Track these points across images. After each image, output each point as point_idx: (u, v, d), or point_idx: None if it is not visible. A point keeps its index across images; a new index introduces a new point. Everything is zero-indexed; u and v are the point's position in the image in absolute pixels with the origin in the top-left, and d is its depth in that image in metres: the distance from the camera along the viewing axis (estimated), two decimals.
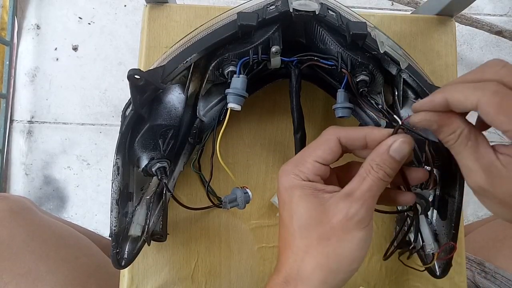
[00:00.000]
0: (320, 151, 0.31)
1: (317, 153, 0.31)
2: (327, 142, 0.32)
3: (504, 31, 1.01)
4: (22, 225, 0.53)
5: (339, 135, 0.32)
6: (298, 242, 0.30)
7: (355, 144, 0.32)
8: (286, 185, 0.31)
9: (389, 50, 0.39)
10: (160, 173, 0.39)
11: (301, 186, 0.31)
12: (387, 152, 0.30)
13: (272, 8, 0.39)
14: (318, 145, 0.32)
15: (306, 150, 0.32)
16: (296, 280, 0.30)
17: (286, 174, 0.32)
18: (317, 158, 0.31)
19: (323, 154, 0.31)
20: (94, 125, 1.12)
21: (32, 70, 1.13)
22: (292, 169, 0.32)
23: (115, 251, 0.39)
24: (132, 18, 1.16)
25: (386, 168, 0.30)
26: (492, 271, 0.57)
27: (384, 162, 0.30)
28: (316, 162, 0.31)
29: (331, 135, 0.32)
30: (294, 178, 0.31)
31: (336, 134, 0.32)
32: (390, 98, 0.43)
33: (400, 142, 0.30)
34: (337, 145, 0.31)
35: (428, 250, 0.42)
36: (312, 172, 0.31)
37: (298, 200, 0.30)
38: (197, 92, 0.42)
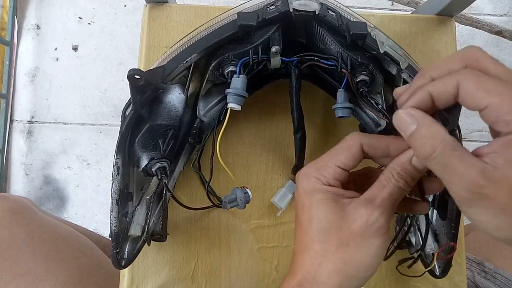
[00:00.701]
0: (343, 157, 0.31)
1: (340, 158, 0.31)
2: (350, 148, 0.31)
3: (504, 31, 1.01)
4: (22, 225, 0.53)
5: (362, 142, 0.31)
6: (316, 246, 0.30)
7: (377, 152, 0.32)
8: (306, 188, 0.31)
9: (389, 50, 0.39)
10: (160, 173, 0.39)
11: (322, 190, 0.31)
12: (409, 161, 0.30)
13: (272, 8, 0.39)
14: (341, 151, 0.32)
15: (328, 154, 0.32)
16: (311, 284, 0.30)
17: (307, 177, 0.32)
18: (339, 164, 0.31)
19: (345, 160, 0.31)
20: (94, 125, 1.12)
21: (32, 70, 1.13)
22: (314, 172, 0.31)
23: (115, 251, 0.39)
24: (132, 18, 1.16)
25: (407, 178, 0.30)
26: (492, 271, 0.57)
27: (406, 172, 0.30)
28: (338, 167, 0.31)
29: (354, 141, 0.32)
30: (315, 182, 0.31)
31: (359, 141, 0.31)
32: (390, 98, 0.43)
33: None
34: (359, 152, 0.31)
35: (428, 250, 0.42)
36: (333, 177, 0.31)
37: (318, 204, 0.30)
38: (197, 92, 0.42)
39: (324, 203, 0.30)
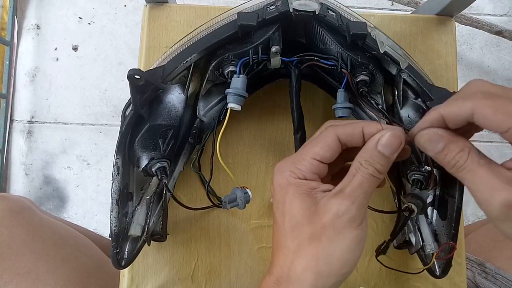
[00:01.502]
0: (318, 148, 0.30)
1: (315, 150, 0.30)
2: (325, 139, 0.31)
3: (504, 31, 1.01)
4: (22, 225, 0.53)
5: (337, 132, 0.31)
6: (289, 243, 0.29)
7: (354, 140, 0.31)
8: (280, 183, 0.30)
9: (389, 50, 0.39)
10: (160, 173, 0.39)
11: (296, 184, 0.29)
12: (375, 147, 0.29)
13: (272, 8, 0.39)
14: (316, 143, 0.31)
15: (304, 147, 0.31)
16: (287, 282, 0.29)
17: (282, 171, 0.30)
18: (315, 156, 0.30)
19: (321, 151, 0.30)
20: (94, 125, 1.12)
21: (32, 70, 1.13)
22: (289, 166, 0.30)
23: (115, 251, 0.39)
24: (132, 18, 1.16)
25: (376, 164, 0.29)
26: (492, 272, 0.57)
27: (373, 158, 0.29)
28: (314, 159, 0.30)
29: (329, 131, 0.31)
30: (290, 176, 0.30)
31: (334, 131, 0.31)
32: (390, 98, 0.43)
33: (388, 136, 0.29)
34: (335, 142, 0.30)
35: (428, 250, 0.42)
36: (309, 170, 0.30)
37: (292, 199, 0.29)
38: (197, 92, 0.42)
39: (297, 198, 0.29)
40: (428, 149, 0.30)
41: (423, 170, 0.41)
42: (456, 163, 0.28)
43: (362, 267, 0.49)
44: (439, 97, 0.39)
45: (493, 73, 1.20)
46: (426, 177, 0.40)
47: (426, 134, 0.30)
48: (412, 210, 0.39)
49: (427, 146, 0.29)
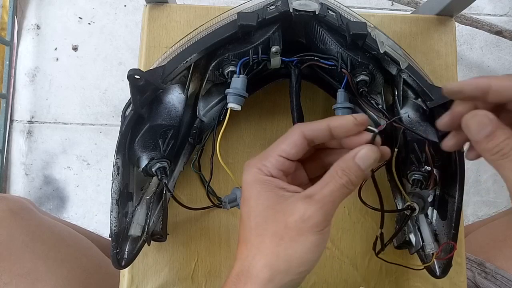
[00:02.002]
0: (284, 145, 0.31)
1: (281, 147, 0.31)
2: (291, 136, 0.31)
3: (504, 31, 1.01)
4: (21, 225, 0.53)
5: (302, 129, 0.31)
6: (253, 238, 0.30)
7: (319, 135, 0.32)
8: (247, 180, 0.31)
9: (389, 50, 0.39)
10: (160, 173, 0.39)
11: (262, 181, 0.30)
12: (352, 159, 0.30)
13: (272, 8, 0.39)
14: (282, 140, 0.32)
15: (271, 145, 0.32)
16: (246, 277, 0.29)
17: (249, 168, 0.31)
18: (281, 152, 0.31)
19: (286, 148, 0.31)
20: (94, 125, 1.12)
21: (32, 70, 1.13)
22: (256, 163, 0.31)
23: (115, 251, 0.39)
24: (132, 18, 1.16)
25: (351, 175, 0.29)
26: (492, 272, 0.57)
27: (350, 169, 0.30)
28: (280, 156, 0.31)
29: (294, 129, 0.32)
30: (257, 173, 0.31)
31: (299, 128, 0.31)
32: (390, 98, 0.43)
33: (366, 150, 0.30)
34: (300, 139, 0.31)
35: (428, 250, 0.42)
36: (275, 167, 0.31)
37: (257, 196, 0.30)
38: (197, 92, 0.42)
39: (263, 195, 0.30)
40: (474, 131, 0.29)
41: (423, 170, 0.41)
42: (500, 150, 0.28)
43: (362, 267, 0.49)
44: (439, 97, 0.39)
45: (493, 73, 1.20)
46: (426, 177, 0.40)
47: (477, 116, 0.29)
48: (414, 208, 0.39)
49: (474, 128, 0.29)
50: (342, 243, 0.49)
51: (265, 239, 0.29)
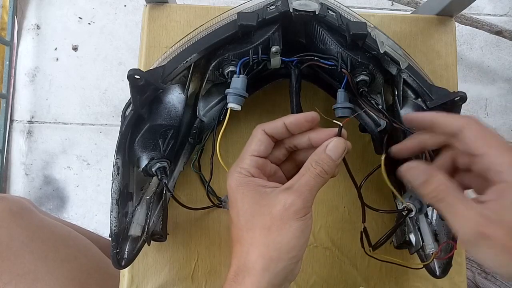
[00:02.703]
0: (252, 145, 0.35)
1: (251, 147, 0.35)
2: (255, 136, 0.35)
3: (504, 31, 1.01)
4: (21, 225, 0.53)
5: (263, 127, 0.35)
6: (245, 235, 0.32)
7: (278, 131, 0.35)
8: (231, 185, 0.34)
9: (389, 50, 0.39)
10: (160, 173, 0.39)
11: (245, 183, 0.33)
12: (324, 151, 0.34)
13: (272, 8, 0.39)
14: (250, 142, 0.36)
15: (243, 150, 0.36)
16: (243, 272, 0.32)
17: (231, 174, 0.34)
18: (252, 152, 0.35)
19: (255, 147, 0.35)
20: (94, 125, 1.12)
21: (32, 70, 1.13)
22: (235, 168, 0.35)
23: (115, 251, 0.39)
24: (132, 18, 1.16)
25: (324, 165, 0.33)
26: (492, 272, 0.57)
27: (322, 160, 0.33)
28: (253, 156, 0.35)
29: (257, 129, 0.36)
30: (238, 176, 0.34)
31: (260, 127, 0.36)
32: (390, 98, 0.43)
33: (335, 142, 0.34)
34: (263, 136, 0.35)
35: (428, 250, 0.42)
36: (251, 166, 0.34)
37: (242, 197, 0.33)
38: (197, 92, 0.42)
39: (247, 195, 0.33)
40: (411, 180, 0.34)
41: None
42: (436, 196, 0.32)
43: (362, 266, 0.49)
44: (439, 97, 0.39)
45: (493, 73, 1.20)
46: None
47: (410, 167, 0.34)
48: (410, 209, 0.39)
49: (410, 178, 0.34)
50: (342, 243, 0.49)
51: (255, 233, 0.32)
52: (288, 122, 0.35)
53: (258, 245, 0.31)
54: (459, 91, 0.38)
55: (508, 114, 1.20)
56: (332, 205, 0.49)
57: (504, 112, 1.20)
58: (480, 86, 1.20)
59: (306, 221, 0.32)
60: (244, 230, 0.32)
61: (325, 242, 0.49)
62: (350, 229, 0.49)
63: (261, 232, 0.31)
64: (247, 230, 0.32)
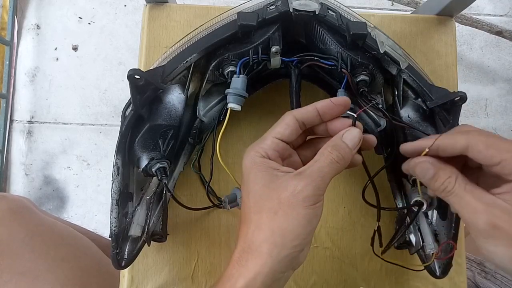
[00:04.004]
0: (278, 128, 0.34)
1: (276, 130, 0.34)
2: (284, 120, 0.34)
3: (504, 31, 1.01)
4: (21, 224, 0.53)
5: (294, 113, 0.34)
6: (253, 216, 0.32)
7: (309, 117, 0.34)
8: (246, 163, 0.33)
9: (389, 50, 0.39)
10: (160, 174, 0.39)
11: (258, 163, 0.32)
12: (340, 138, 0.33)
13: (272, 8, 0.39)
14: (277, 124, 0.35)
15: (268, 130, 0.35)
16: (247, 253, 0.31)
17: (248, 152, 0.34)
18: (276, 134, 0.34)
19: (281, 130, 0.34)
20: (94, 125, 1.12)
21: (32, 70, 1.13)
22: (254, 146, 0.34)
23: (115, 252, 0.39)
24: (132, 18, 1.16)
25: (340, 151, 0.32)
26: (492, 271, 0.57)
27: (338, 146, 0.32)
28: (275, 138, 0.33)
29: (287, 114, 0.35)
30: (254, 155, 0.33)
31: (291, 113, 0.35)
32: (390, 98, 0.43)
33: (351, 130, 0.34)
34: (292, 120, 0.34)
35: (428, 250, 0.42)
36: (271, 148, 0.33)
37: (254, 177, 0.32)
38: (197, 92, 0.42)
39: (259, 176, 0.32)
40: (420, 175, 0.34)
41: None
42: (445, 188, 0.32)
43: (362, 267, 0.49)
44: (439, 97, 0.39)
45: (493, 73, 1.20)
46: None
47: (418, 162, 0.34)
48: (421, 203, 0.39)
49: (419, 173, 0.34)
50: (342, 243, 0.49)
51: (262, 215, 0.31)
52: (319, 106, 0.34)
53: (264, 229, 0.31)
54: (459, 91, 0.38)
55: (508, 114, 1.20)
56: (332, 206, 0.49)
57: (504, 112, 1.20)
58: (480, 86, 1.20)
59: (315, 210, 0.31)
60: (252, 211, 0.32)
61: (325, 242, 0.49)
62: (350, 229, 0.49)
63: (267, 216, 0.31)
64: (255, 212, 0.31)
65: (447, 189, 0.32)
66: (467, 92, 0.37)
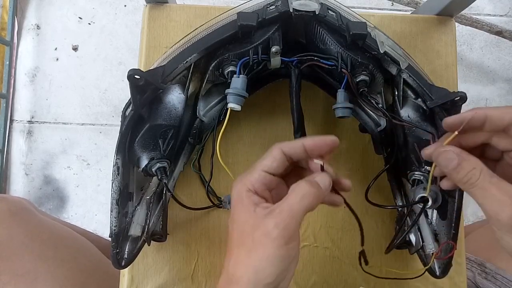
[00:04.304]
0: (265, 161, 0.34)
1: (263, 163, 0.34)
2: (271, 153, 0.34)
3: (504, 31, 1.01)
4: (20, 225, 0.53)
5: (281, 146, 0.35)
6: (234, 250, 0.32)
7: (296, 152, 0.34)
8: (233, 195, 0.34)
9: (389, 50, 0.39)
10: (160, 173, 0.39)
11: (244, 197, 0.33)
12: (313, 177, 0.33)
13: (272, 8, 0.39)
14: (264, 157, 0.35)
15: (256, 162, 0.35)
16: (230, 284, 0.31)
17: (236, 183, 0.34)
18: (263, 167, 0.34)
19: (268, 163, 0.34)
20: (94, 125, 1.12)
21: (32, 70, 1.13)
22: (242, 178, 0.34)
23: (115, 251, 0.39)
24: (132, 18, 1.16)
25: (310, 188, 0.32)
26: (492, 272, 0.57)
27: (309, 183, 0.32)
28: (262, 171, 0.34)
29: (275, 146, 0.35)
30: (241, 188, 0.33)
31: (278, 145, 0.35)
32: (390, 98, 0.43)
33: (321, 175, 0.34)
34: (279, 154, 0.34)
35: (428, 250, 0.42)
36: (258, 181, 0.33)
37: (239, 211, 0.33)
38: (197, 92, 0.42)
39: (242, 211, 0.32)
40: (443, 165, 0.33)
41: (423, 170, 0.41)
42: (468, 180, 0.31)
43: None
44: (439, 97, 0.39)
45: (493, 73, 1.20)
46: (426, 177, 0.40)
47: (443, 151, 0.33)
48: (427, 200, 0.39)
49: (442, 162, 0.33)
50: (342, 243, 0.49)
51: (240, 251, 0.31)
52: (307, 144, 0.34)
53: (241, 264, 0.31)
54: (459, 91, 0.38)
55: None
56: None
57: None
58: (480, 86, 1.19)
59: (287, 250, 0.30)
60: (234, 244, 0.32)
61: (325, 242, 0.49)
62: (350, 229, 0.49)
63: (244, 252, 0.31)
64: (236, 246, 0.32)
65: (470, 180, 0.31)
66: (467, 92, 0.37)
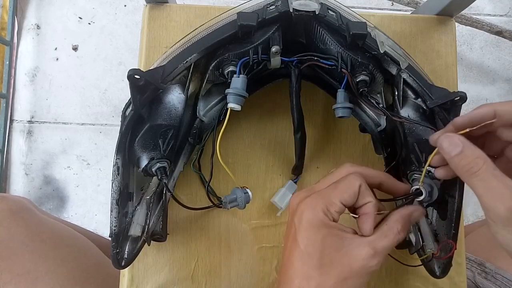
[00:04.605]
0: (346, 195, 0.34)
1: (344, 196, 0.34)
2: (352, 187, 0.34)
3: (504, 31, 1.01)
4: (21, 225, 0.53)
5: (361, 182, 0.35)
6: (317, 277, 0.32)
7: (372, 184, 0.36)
8: (312, 221, 0.33)
9: (389, 50, 0.39)
10: (160, 173, 0.39)
11: (329, 226, 0.33)
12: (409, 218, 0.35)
13: (272, 8, 0.39)
14: (345, 189, 0.34)
15: (333, 190, 0.34)
16: None
17: (314, 209, 0.33)
18: (344, 201, 0.34)
19: (348, 198, 0.34)
20: (94, 125, 1.12)
21: (32, 70, 1.13)
22: (321, 206, 0.33)
23: (115, 251, 0.39)
24: (132, 18, 1.16)
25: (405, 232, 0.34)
26: (492, 272, 0.57)
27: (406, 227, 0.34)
28: (342, 204, 0.34)
29: (356, 180, 0.35)
30: (324, 217, 0.33)
31: (359, 181, 0.35)
32: (390, 98, 0.43)
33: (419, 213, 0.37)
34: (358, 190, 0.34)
35: (428, 250, 0.42)
36: (338, 213, 0.34)
37: (324, 239, 0.33)
38: (197, 92, 0.42)
39: (329, 239, 0.33)
40: (446, 150, 0.33)
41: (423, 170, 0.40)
42: (470, 168, 0.31)
43: None
44: (439, 97, 0.39)
45: (493, 73, 1.20)
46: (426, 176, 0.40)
47: (449, 135, 0.33)
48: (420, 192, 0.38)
49: (447, 146, 0.33)
50: None
51: (329, 278, 0.32)
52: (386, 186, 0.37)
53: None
54: (459, 91, 0.38)
55: None
56: None
57: None
58: (480, 86, 1.20)
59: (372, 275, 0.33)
60: (317, 271, 0.32)
61: None
62: None
63: (337, 281, 0.32)
64: (321, 274, 0.32)
65: (472, 169, 0.31)
66: (467, 92, 0.37)
